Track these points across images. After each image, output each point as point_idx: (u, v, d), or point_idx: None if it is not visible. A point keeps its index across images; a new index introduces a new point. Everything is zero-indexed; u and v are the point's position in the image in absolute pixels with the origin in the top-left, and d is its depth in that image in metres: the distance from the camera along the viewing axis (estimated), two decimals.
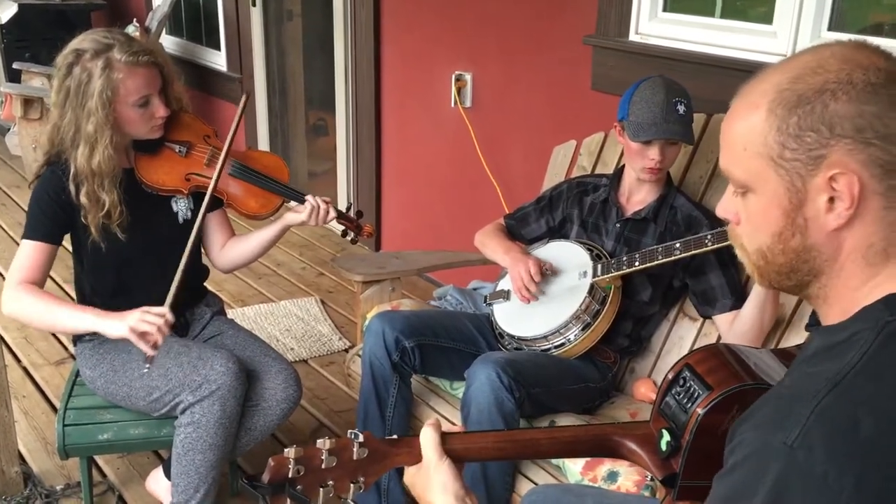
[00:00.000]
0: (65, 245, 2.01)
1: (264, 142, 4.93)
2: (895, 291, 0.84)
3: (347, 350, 3.14)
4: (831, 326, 0.87)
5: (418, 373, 2.15)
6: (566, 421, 1.95)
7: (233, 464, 2.28)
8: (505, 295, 2.19)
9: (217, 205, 2.12)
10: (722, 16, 2.59)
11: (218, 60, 5.15)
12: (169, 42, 5.58)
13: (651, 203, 2.08)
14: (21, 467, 2.33)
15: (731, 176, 0.91)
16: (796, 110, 0.83)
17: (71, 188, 1.91)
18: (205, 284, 2.26)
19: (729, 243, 1.78)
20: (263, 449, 2.31)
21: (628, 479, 1.74)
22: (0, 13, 5.59)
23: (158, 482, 2.22)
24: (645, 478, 1.73)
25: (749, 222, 0.91)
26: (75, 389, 2.13)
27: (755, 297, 1.85)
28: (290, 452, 1.03)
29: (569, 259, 2.13)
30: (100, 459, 2.45)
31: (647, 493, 1.70)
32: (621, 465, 1.76)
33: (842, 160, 0.82)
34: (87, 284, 2.07)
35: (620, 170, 2.16)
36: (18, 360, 3.05)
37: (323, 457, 1.04)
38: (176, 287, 1.91)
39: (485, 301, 2.27)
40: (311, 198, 2.06)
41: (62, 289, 3.55)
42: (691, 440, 1.06)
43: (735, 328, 1.92)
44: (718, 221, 1.93)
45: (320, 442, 1.05)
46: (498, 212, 3.09)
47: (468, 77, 3.34)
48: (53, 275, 3.61)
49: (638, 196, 2.11)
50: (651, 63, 2.55)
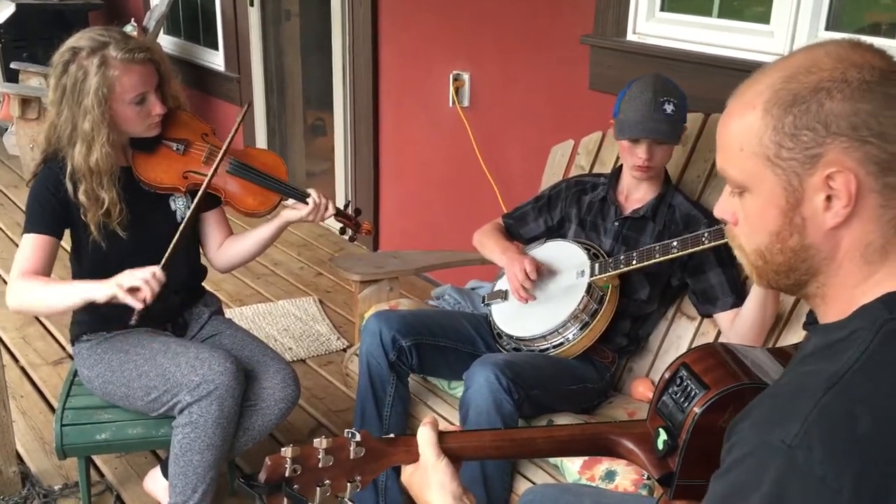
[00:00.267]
0: (63, 245, 2.01)
1: (262, 141, 4.93)
2: (894, 290, 0.84)
3: (345, 350, 3.14)
4: (829, 325, 0.87)
5: (416, 372, 2.15)
6: (564, 421, 1.95)
7: (231, 463, 2.28)
8: (503, 295, 2.19)
9: (215, 203, 2.12)
10: (719, 15, 2.59)
11: (215, 60, 5.14)
12: (166, 42, 5.58)
13: (650, 201, 2.08)
14: (19, 467, 2.33)
15: (728, 176, 0.91)
16: (792, 109, 0.83)
17: (68, 186, 1.91)
18: (203, 284, 2.25)
19: (726, 241, 1.79)
20: (261, 449, 2.31)
21: (626, 479, 1.74)
22: None
23: (156, 482, 2.22)
24: (643, 477, 1.73)
25: (747, 222, 0.91)
26: (73, 389, 2.13)
27: (756, 295, 1.85)
28: (287, 452, 1.03)
29: (566, 258, 2.13)
30: (98, 459, 2.45)
31: (645, 493, 1.70)
32: (619, 465, 1.76)
33: (838, 158, 0.82)
34: None
35: (619, 169, 2.16)
36: (16, 360, 3.05)
37: (320, 456, 1.04)
38: (171, 249, 1.90)
39: (483, 301, 2.27)
40: (314, 193, 2.06)
41: None
42: (688, 439, 1.06)
43: (737, 326, 1.92)
44: (717, 220, 1.93)
45: (317, 441, 1.05)
46: (496, 211, 3.09)
47: (466, 77, 3.35)
48: (52, 274, 3.62)
49: (636, 195, 2.11)
50: (649, 63, 2.55)
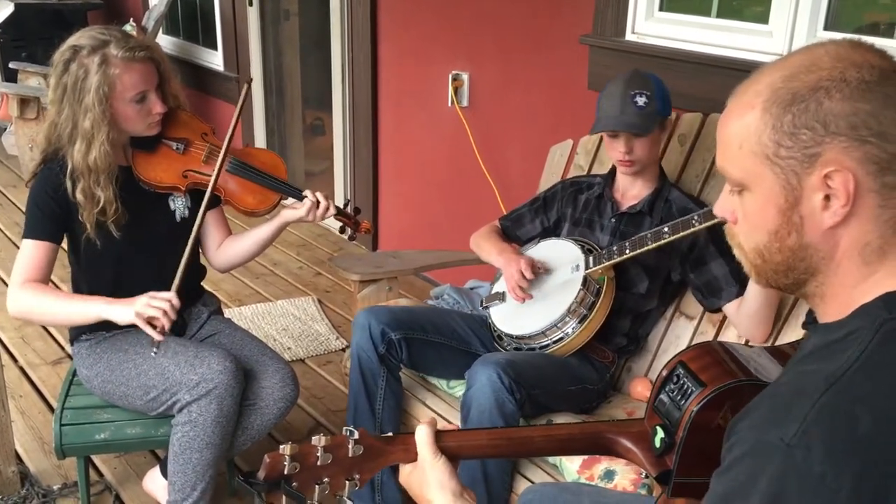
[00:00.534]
0: (62, 244, 2.01)
1: (261, 141, 4.93)
2: (893, 290, 0.84)
3: (344, 349, 3.14)
4: (829, 324, 0.88)
5: (406, 366, 2.16)
6: (563, 420, 1.95)
7: (230, 463, 2.28)
8: (500, 297, 2.19)
9: (215, 203, 2.12)
10: (718, 15, 2.59)
11: (215, 60, 5.14)
12: (165, 42, 5.58)
13: (646, 197, 2.09)
14: (18, 467, 2.33)
15: (728, 175, 0.91)
16: (791, 108, 0.83)
17: (68, 185, 1.91)
18: (202, 284, 2.26)
19: (716, 221, 1.79)
20: (260, 448, 2.31)
21: (625, 478, 1.74)
22: None
23: (155, 481, 2.22)
24: (641, 476, 1.73)
25: (746, 221, 0.91)
26: (72, 389, 2.13)
27: None
28: (286, 449, 1.03)
29: (561, 255, 2.14)
30: (97, 459, 2.45)
31: (644, 492, 1.71)
32: (618, 464, 1.76)
33: (837, 158, 0.82)
34: (84, 284, 2.07)
35: (615, 167, 2.16)
36: (15, 360, 3.05)
37: (318, 454, 1.04)
38: (181, 273, 1.91)
39: (481, 305, 2.27)
40: (310, 193, 2.06)
41: (59, 288, 3.54)
42: (685, 437, 1.07)
43: (743, 310, 1.91)
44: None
45: (315, 439, 1.05)
46: (495, 211, 3.09)
47: (465, 76, 3.35)
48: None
49: (632, 191, 2.12)
50: (647, 62, 2.55)
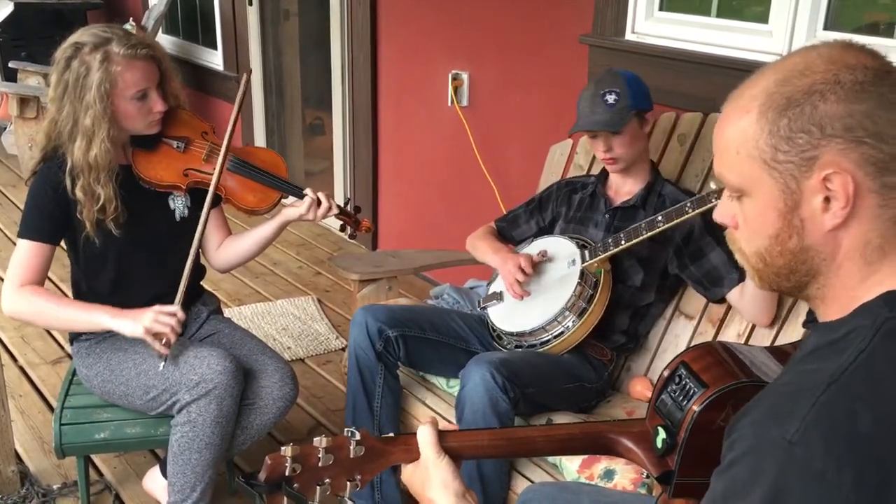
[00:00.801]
0: (62, 244, 2.01)
1: (261, 141, 4.93)
2: (894, 288, 0.84)
3: (344, 349, 3.14)
4: (830, 323, 0.88)
5: (404, 364, 2.16)
6: (563, 419, 1.95)
7: (230, 462, 2.28)
8: (498, 296, 2.19)
9: (215, 202, 2.12)
10: (718, 15, 2.59)
11: (214, 59, 5.14)
12: (165, 41, 5.58)
13: (638, 192, 2.11)
14: (18, 466, 2.33)
15: (726, 180, 0.91)
16: (786, 112, 0.84)
17: (67, 182, 1.91)
18: (201, 284, 2.25)
19: (710, 206, 1.80)
20: (260, 448, 2.31)
21: (625, 477, 1.74)
22: None
23: (155, 481, 2.22)
24: (641, 476, 1.73)
25: (746, 226, 0.91)
26: (72, 388, 2.13)
27: None
28: (287, 451, 1.03)
29: (556, 252, 2.15)
30: (96, 458, 2.45)
31: (644, 491, 1.71)
32: (618, 463, 1.76)
33: (834, 160, 0.82)
34: (84, 283, 2.07)
35: None
36: (15, 360, 3.04)
37: (320, 455, 1.04)
38: (185, 283, 1.92)
39: (479, 305, 2.28)
40: (311, 191, 2.07)
41: (59, 288, 3.54)
42: (687, 437, 1.07)
43: (747, 295, 1.92)
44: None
45: (317, 440, 1.05)
46: (494, 210, 3.09)
47: (465, 76, 3.35)
48: (50, 274, 3.60)
49: (624, 188, 2.15)
50: (647, 62, 2.56)
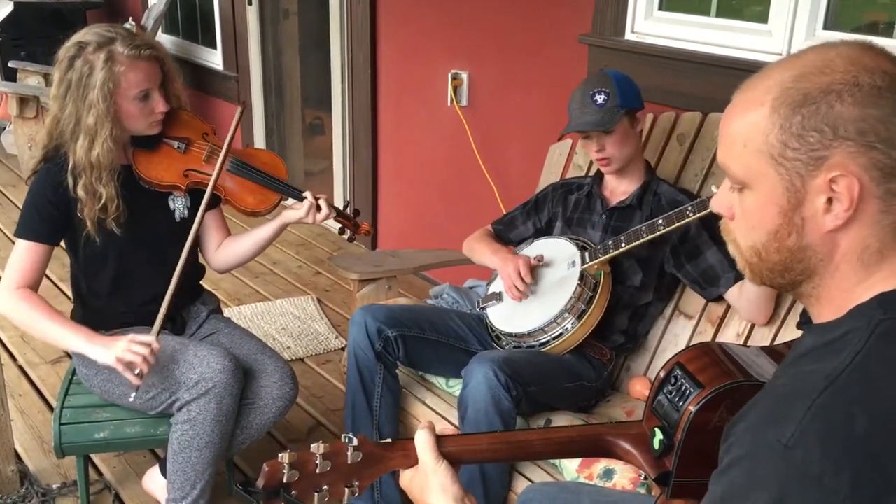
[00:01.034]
0: (62, 244, 2.01)
1: (261, 141, 4.93)
2: (888, 290, 0.84)
3: (344, 348, 3.14)
4: (824, 324, 0.87)
5: (403, 364, 2.17)
6: (562, 419, 1.96)
7: (229, 463, 2.28)
8: (497, 297, 2.20)
9: (214, 203, 2.12)
10: (717, 15, 2.59)
11: (214, 59, 5.14)
12: (165, 41, 5.58)
13: (634, 191, 2.11)
14: (17, 466, 2.33)
15: (729, 171, 0.90)
16: (801, 109, 0.83)
17: (69, 181, 1.91)
18: (201, 283, 2.26)
19: (710, 210, 1.79)
20: (260, 447, 2.31)
21: (624, 477, 1.74)
22: None
23: (155, 481, 2.22)
24: (640, 475, 1.73)
25: (744, 219, 0.90)
26: (72, 388, 2.13)
27: None
28: (285, 457, 1.03)
29: (556, 253, 2.15)
30: (96, 458, 2.45)
31: (643, 491, 1.71)
32: (617, 463, 1.76)
33: (843, 162, 0.82)
34: (84, 283, 2.07)
35: None
36: (14, 359, 3.04)
37: (317, 461, 1.04)
38: (164, 312, 1.91)
39: (478, 306, 2.28)
40: (310, 195, 2.07)
41: (58, 287, 3.54)
42: (684, 438, 1.07)
43: (745, 294, 1.92)
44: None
45: (314, 446, 1.05)
46: (494, 210, 3.09)
47: (465, 76, 3.35)
48: (49, 273, 3.61)
49: (620, 188, 2.15)
50: (646, 62, 2.56)
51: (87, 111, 1.87)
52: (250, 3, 4.64)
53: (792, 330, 1.91)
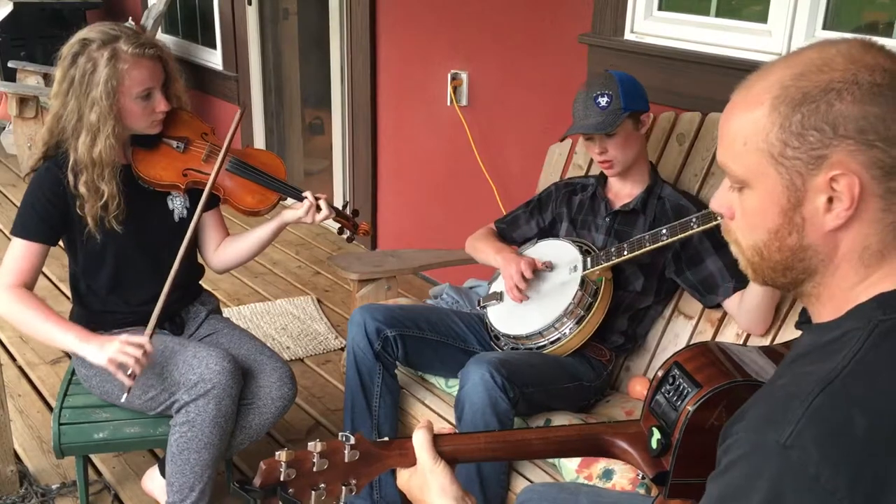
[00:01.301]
0: (60, 244, 2.01)
1: (260, 141, 4.93)
2: (887, 290, 0.84)
3: (343, 349, 3.14)
4: (823, 324, 0.87)
5: (403, 364, 2.17)
6: (561, 419, 1.95)
7: (228, 463, 2.28)
8: (498, 297, 2.19)
9: (213, 203, 2.12)
10: (717, 14, 2.59)
11: (213, 59, 5.14)
12: (164, 41, 5.57)
13: (638, 195, 2.10)
14: (17, 466, 2.33)
15: (729, 171, 0.89)
16: (800, 108, 0.82)
17: (70, 178, 1.91)
18: (200, 283, 2.26)
19: (714, 224, 1.79)
20: (259, 448, 2.31)
21: (623, 477, 1.74)
22: None
23: (154, 481, 2.22)
24: (639, 476, 1.73)
25: (745, 218, 0.90)
26: (71, 388, 2.13)
27: None
28: (282, 456, 1.03)
29: (559, 256, 2.14)
30: (95, 458, 2.45)
31: (642, 491, 1.71)
32: (617, 463, 1.76)
33: (843, 161, 0.81)
34: (83, 283, 2.07)
35: None
36: (14, 359, 3.04)
37: (314, 460, 1.04)
38: (158, 312, 1.90)
39: (478, 304, 2.28)
40: (309, 194, 2.07)
41: (57, 287, 3.55)
42: (681, 438, 1.07)
43: (745, 304, 1.91)
44: (706, 208, 1.94)
45: (311, 445, 1.05)
46: (494, 210, 3.09)
47: (464, 76, 3.35)
48: (48, 272, 3.62)
49: (624, 190, 2.14)
50: (646, 62, 2.56)
51: (90, 108, 1.87)
52: (250, 3, 4.64)
53: (791, 330, 1.90)
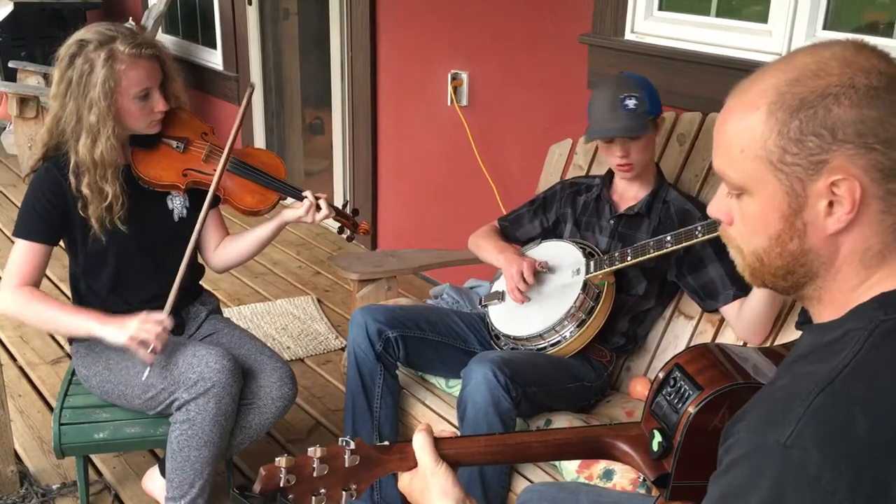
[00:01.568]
0: (61, 244, 2.01)
1: (260, 140, 4.93)
2: (888, 290, 0.84)
3: (344, 349, 3.14)
4: (824, 325, 0.87)
5: (404, 364, 2.16)
6: (562, 419, 1.95)
7: (228, 463, 2.28)
8: (500, 296, 2.19)
9: (213, 203, 2.11)
10: (717, 14, 2.59)
11: (214, 59, 5.14)
12: (165, 41, 5.57)
13: (643, 198, 2.09)
14: (17, 466, 2.33)
15: (727, 177, 0.89)
16: (798, 114, 0.82)
17: (71, 180, 1.91)
18: (200, 283, 2.26)
19: (720, 233, 1.79)
20: (259, 447, 2.31)
21: (624, 478, 1.74)
22: None
23: (154, 481, 2.22)
24: (640, 476, 1.73)
25: (745, 224, 0.90)
26: (71, 388, 2.13)
27: None
28: (282, 462, 1.02)
29: (562, 258, 2.13)
30: (96, 458, 2.45)
31: (643, 491, 1.70)
32: (617, 464, 1.75)
33: (843, 165, 0.81)
34: (83, 283, 2.07)
35: (612, 169, 2.16)
36: (14, 359, 3.04)
37: (314, 465, 1.04)
38: (176, 291, 1.92)
39: (480, 303, 2.27)
40: (309, 194, 2.07)
41: (57, 287, 3.54)
42: (682, 440, 1.06)
43: (744, 314, 1.91)
44: None
45: (311, 450, 1.05)
46: (494, 210, 3.09)
47: (464, 76, 3.34)
48: (49, 273, 3.61)
49: (630, 193, 2.12)
50: (646, 62, 2.55)
51: (88, 109, 1.87)
52: (250, 3, 4.64)
53: (791, 330, 1.90)
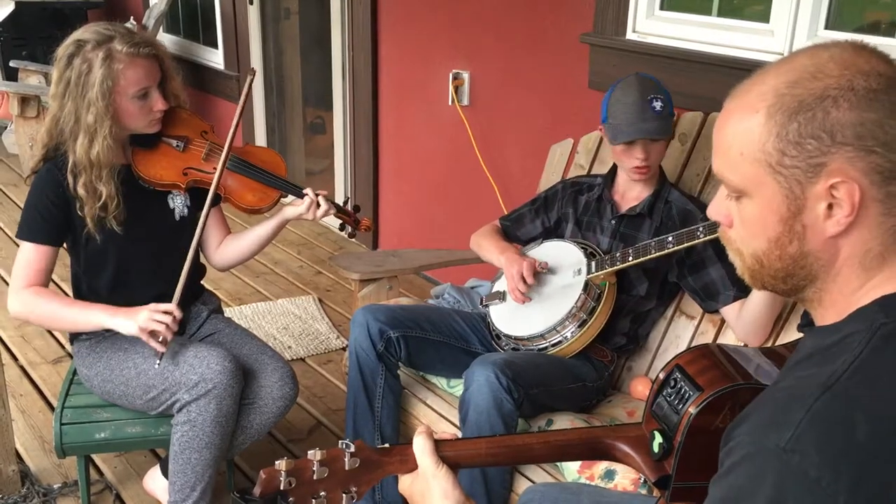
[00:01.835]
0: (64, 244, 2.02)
1: (262, 140, 4.93)
2: (889, 293, 0.83)
3: (345, 348, 3.14)
4: (825, 327, 0.87)
5: (405, 364, 2.16)
6: (563, 420, 1.95)
7: (230, 463, 2.28)
8: (501, 296, 2.19)
9: (214, 202, 2.12)
10: (719, 14, 2.58)
11: (215, 58, 5.14)
12: (166, 40, 5.58)
13: (645, 199, 2.09)
14: (18, 466, 2.33)
15: (726, 180, 0.89)
16: (797, 117, 0.82)
17: (69, 180, 1.91)
18: (202, 283, 2.26)
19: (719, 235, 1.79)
20: (260, 447, 2.31)
21: (625, 478, 1.74)
22: None
23: (156, 481, 2.22)
24: (641, 477, 1.73)
25: (744, 227, 0.90)
26: (73, 388, 2.13)
27: None
28: (282, 465, 1.02)
29: (563, 258, 2.13)
30: (97, 458, 2.45)
31: (644, 492, 1.70)
32: (618, 464, 1.75)
33: (842, 168, 0.81)
34: (84, 283, 2.07)
35: (614, 168, 2.16)
36: (15, 359, 3.05)
37: (314, 468, 1.04)
38: (183, 282, 1.93)
39: (481, 303, 2.27)
40: (310, 191, 2.07)
41: (59, 287, 3.54)
42: (683, 441, 1.06)
43: (744, 315, 1.90)
44: None
45: (311, 453, 1.05)
46: (495, 210, 3.09)
47: (466, 75, 3.34)
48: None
49: (632, 193, 2.12)
50: (648, 61, 2.55)
51: (86, 109, 1.87)
52: (251, 3, 4.64)
53: (792, 331, 1.90)
